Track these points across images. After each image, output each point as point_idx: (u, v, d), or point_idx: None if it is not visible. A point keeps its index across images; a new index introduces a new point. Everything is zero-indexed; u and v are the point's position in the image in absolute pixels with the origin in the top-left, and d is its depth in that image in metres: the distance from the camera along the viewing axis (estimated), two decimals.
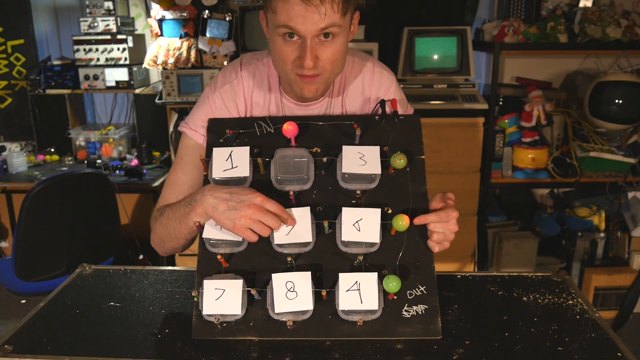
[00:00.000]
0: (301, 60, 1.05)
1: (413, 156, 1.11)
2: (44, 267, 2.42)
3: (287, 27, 1.03)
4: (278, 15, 1.02)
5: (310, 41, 1.03)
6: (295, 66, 1.08)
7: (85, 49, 3.21)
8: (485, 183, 2.92)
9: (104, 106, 3.68)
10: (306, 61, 1.04)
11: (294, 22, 1.01)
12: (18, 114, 3.54)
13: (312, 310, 1.00)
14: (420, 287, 1.03)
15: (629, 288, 3.04)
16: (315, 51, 1.05)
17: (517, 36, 2.87)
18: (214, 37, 3.03)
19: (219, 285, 1.01)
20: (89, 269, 1.30)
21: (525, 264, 3.02)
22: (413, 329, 1.00)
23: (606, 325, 1.04)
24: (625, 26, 2.85)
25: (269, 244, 1.05)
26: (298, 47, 1.05)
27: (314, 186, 1.10)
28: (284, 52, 1.07)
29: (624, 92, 2.83)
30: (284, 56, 1.07)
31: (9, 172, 3.21)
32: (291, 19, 1.01)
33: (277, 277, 1.00)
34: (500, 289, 1.18)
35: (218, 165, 1.10)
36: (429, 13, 3.21)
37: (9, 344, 0.99)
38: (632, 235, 3.11)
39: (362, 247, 1.04)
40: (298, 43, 1.05)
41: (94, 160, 3.28)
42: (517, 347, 0.97)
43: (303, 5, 0.99)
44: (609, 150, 2.89)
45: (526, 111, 2.91)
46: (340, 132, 1.14)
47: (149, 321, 1.07)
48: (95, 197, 2.59)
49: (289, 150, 1.11)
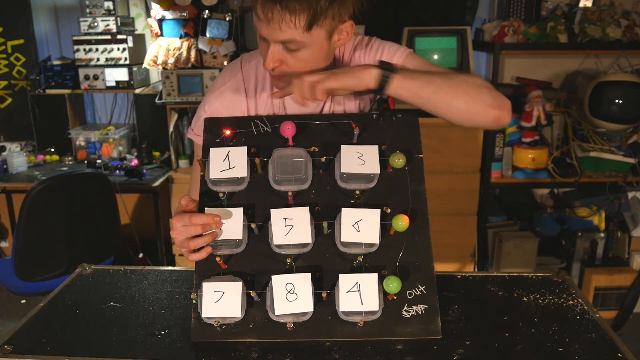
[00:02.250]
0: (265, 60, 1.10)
1: (411, 155, 1.11)
2: (44, 267, 2.42)
3: (257, 29, 1.08)
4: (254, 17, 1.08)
5: (273, 46, 1.07)
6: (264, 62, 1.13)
7: (85, 49, 3.21)
8: (485, 183, 2.92)
9: (104, 106, 3.68)
10: (266, 62, 1.09)
11: (259, 27, 1.07)
12: (18, 114, 3.54)
13: (312, 312, 1.00)
14: (420, 287, 1.03)
15: (629, 288, 3.04)
16: (279, 55, 1.08)
17: (517, 36, 2.87)
18: (214, 37, 3.03)
19: (218, 288, 1.00)
20: (89, 269, 1.30)
21: (525, 264, 3.02)
22: (413, 329, 1.00)
23: (606, 325, 1.04)
24: (625, 26, 2.85)
25: (268, 244, 1.05)
26: (267, 45, 1.09)
27: (312, 186, 1.10)
28: (262, 50, 1.12)
29: (624, 92, 2.83)
30: (262, 53, 1.13)
31: (9, 172, 3.21)
32: (259, 23, 1.07)
33: (277, 279, 1.00)
34: (501, 289, 1.18)
35: (215, 166, 1.09)
36: (429, 13, 3.21)
37: (9, 344, 0.99)
38: (632, 235, 3.11)
39: (361, 248, 1.04)
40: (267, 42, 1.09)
41: (94, 160, 3.28)
42: (517, 347, 0.97)
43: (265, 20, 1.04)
44: (609, 150, 2.89)
45: (526, 111, 2.91)
46: (338, 131, 1.14)
47: (149, 321, 1.07)
48: (95, 197, 2.59)
49: (286, 150, 1.10)
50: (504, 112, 1.08)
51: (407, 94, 1.06)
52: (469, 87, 1.06)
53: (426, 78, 1.06)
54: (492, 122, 1.08)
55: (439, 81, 1.06)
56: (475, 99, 1.06)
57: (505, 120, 1.09)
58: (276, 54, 1.08)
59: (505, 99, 1.09)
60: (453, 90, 1.05)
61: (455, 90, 1.05)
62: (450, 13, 3.21)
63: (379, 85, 1.05)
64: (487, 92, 1.07)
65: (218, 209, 1.06)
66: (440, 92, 1.05)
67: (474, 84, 1.07)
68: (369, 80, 1.05)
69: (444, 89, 1.05)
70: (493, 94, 1.07)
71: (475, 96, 1.06)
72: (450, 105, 1.06)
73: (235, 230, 1.05)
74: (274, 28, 1.04)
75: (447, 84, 1.05)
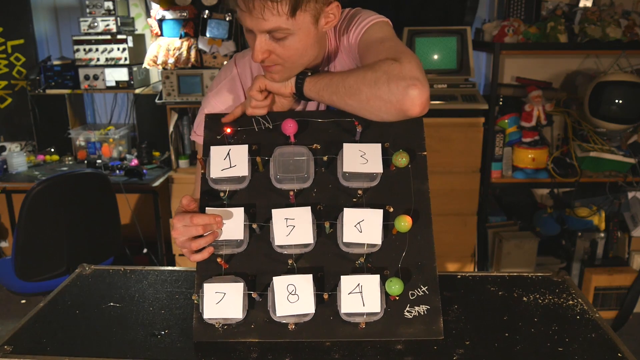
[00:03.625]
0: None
1: (414, 153, 1.10)
2: (44, 267, 2.42)
3: (241, 21, 1.06)
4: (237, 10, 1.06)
5: (259, 37, 1.05)
6: None
7: (85, 49, 3.21)
8: (485, 183, 2.92)
9: (104, 106, 3.68)
10: (254, 55, 1.07)
11: (243, 19, 1.04)
12: (18, 114, 3.54)
13: (313, 313, 0.99)
14: (422, 288, 1.02)
15: (629, 288, 3.04)
16: (266, 46, 1.06)
17: (517, 36, 2.87)
18: (214, 37, 3.03)
19: (219, 289, 1.00)
20: (88, 269, 1.30)
21: (525, 264, 3.01)
22: (415, 330, 0.99)
23: (606, 325, 1.04)
24: (625, 26, 2.85)
25: (269, 244, 1.04)
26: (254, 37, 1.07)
27: (314, 184, 1.09)
28: (249, 42, 1.10)
29: (624, 92, 2.83)
30: (250, 45, 1.11)
31: (9, 172, 3.21)
32: (242, 15, 1.04)
33: (279, 280, 1.00)
34: (501, 289, 1.18)
35: (216, 164, 1.08)
36: (429, 13, 3.21)
37: (9, 344, 0.99)
38: (632, 235, 3.11)
39: (363, 248, 1.03)
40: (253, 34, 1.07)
41: (94, 160, 3.28)
42: (517, 347, 0.97)
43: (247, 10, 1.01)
44: (609, 150, 2.89)
45: (526, 111, 2.91)
46: (340, 129, 1.12)
47: (149, 321, 1.07)
48: (95, 197, 2.59)
49: (288, 147, 1.10)
50: (405, 105, 1.00)
51: (315, 96, 1.10)
52: (364, 84, 1.02)
53: (327, 80, 1.07)
54: (396, 116, 1.04)
55: (338, 83, 1.06)
56: (369, 96, 1.03)
57: (409, 112, 1.01)
58: (264, 45, 1.06)
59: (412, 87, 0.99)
60: (348, 90, 1.05)
61: (350, 90, 1.04)
62: (450, 13, 3.21)
63: (296, 89, 1.11)
64: (384, 86, 1.00)
65: (219, 208, 1.06)
66: (337, 93, 1.06)
67: (369, 80, 1.02)
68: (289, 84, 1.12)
69: (340, 90, 1.05)
70: (391, 86, 1.00)
71: (370, 93, 1.02)
72: (347, 104, 1.06)
73: (237, 230, 1.05)
74: (257, 18, 1.01)
75: (344, 84, 1.05)
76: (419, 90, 0.99)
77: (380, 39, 1.12)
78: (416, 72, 1.00)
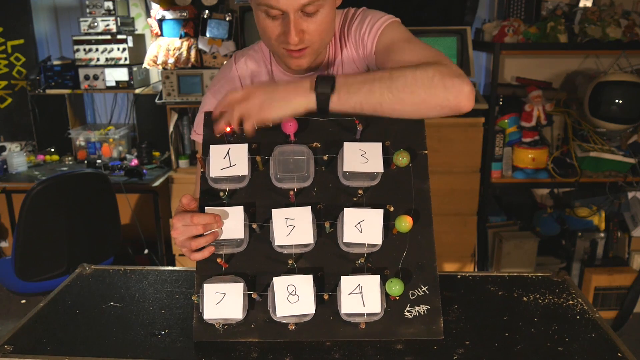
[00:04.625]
0: (286, 37, 1.05)
1: (415, 152, 1.09)
2: (44, 267, 2.42)
3: (268, 6, 1.03)
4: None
5: (293, 16, 1.03)
6: (280, 42, 1.09)
7: (85, 49, 3.21)
8: (485, 183, 2.92)
9: (104, 106, 3.68)
10: (291, 37, 1.04)
11: (275, 2, 1.02)
12: (18, 114, 3.54)
13: (314, 313, 0.99)
14: (422, 287, 1.02)
15: (629, 288, 3.04)
16: (299, 25, 1.05)
17: (517, 36, 2.87)
18: (214, 37, 3.03)
19: (219, 289, 1.00)
20: (89, 269, 1.30)
21: (525, 264, 3.02)
22: (415, 330, 0.99)
23: (606, 325, 1.04)
24: (625, 26, 2.85)
25: (269, 244, 1.04)
26: (281, 22, 1.05)
27: (314, 184, 1.08)
28: (268, 28, 1.07)
29: (624, 92, 2.83)
30: (268, 32, 1.08)
31: (9, 172, 3.21)
32: None
33: (279, 280, 0.99)
34: (501, 289, 1.18)
35: (215, 164, 1.08)
36: (429, 13, 3.21)
37: (9, 344, 0.99)
38: (632, 235, 3.11)
39: (364, 248, 1.03)
40: (281, 18, 1.05)
41: (94, 160, 3.28)
42: (517, 347, 0.97)
43: None
44: (609, 150, 2.89)
45: (526, 111, 2.91)
46: (340, 128, 1.12)
47: (149, 321, 1.07)
48: (95, 197, 2.59)
49: (288, 146, 1.09)
50: (461, 102, 1.01)
51: (350, 110, 1.02)
52: (417, 86, 0.99)
53: (368, 88, 1.00)
54: (448, 113, 1.03)
55: (382, 89, 1.00)
56: (423, 99, 1.00)
57: (464, 109, 1.02)
58: (298, 24, 1.05)
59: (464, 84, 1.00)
60: (397, 95, 1.00)
61: (401, 95, 1.00)
62: (450, 13, 3.21)
63: (319, 108, 1.02)
64: (440, 85, 0.99)
65: (219, 208, 1.06)
66: (384, 103, 1.00)
67: (423, 81, 0.99)
68: (307, 105, 1.02)
69: (388, 97, 1.00)
70: (447, 84, 0.99)
71: (424, 96, 1.00)
72: (399, 111, 1.03)
73: (237, 229, 1.04)
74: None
75: (391, 90, 0.99)
76: (470, 86, 1.02)
77: (404, 39, 1.13)
78: (459, 69, 1.03)
